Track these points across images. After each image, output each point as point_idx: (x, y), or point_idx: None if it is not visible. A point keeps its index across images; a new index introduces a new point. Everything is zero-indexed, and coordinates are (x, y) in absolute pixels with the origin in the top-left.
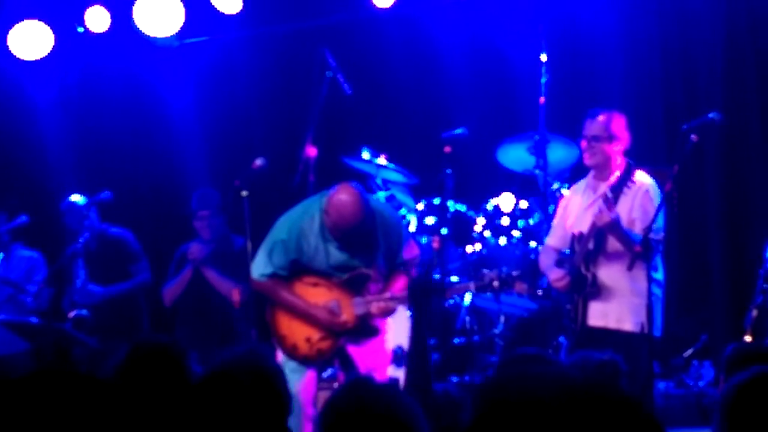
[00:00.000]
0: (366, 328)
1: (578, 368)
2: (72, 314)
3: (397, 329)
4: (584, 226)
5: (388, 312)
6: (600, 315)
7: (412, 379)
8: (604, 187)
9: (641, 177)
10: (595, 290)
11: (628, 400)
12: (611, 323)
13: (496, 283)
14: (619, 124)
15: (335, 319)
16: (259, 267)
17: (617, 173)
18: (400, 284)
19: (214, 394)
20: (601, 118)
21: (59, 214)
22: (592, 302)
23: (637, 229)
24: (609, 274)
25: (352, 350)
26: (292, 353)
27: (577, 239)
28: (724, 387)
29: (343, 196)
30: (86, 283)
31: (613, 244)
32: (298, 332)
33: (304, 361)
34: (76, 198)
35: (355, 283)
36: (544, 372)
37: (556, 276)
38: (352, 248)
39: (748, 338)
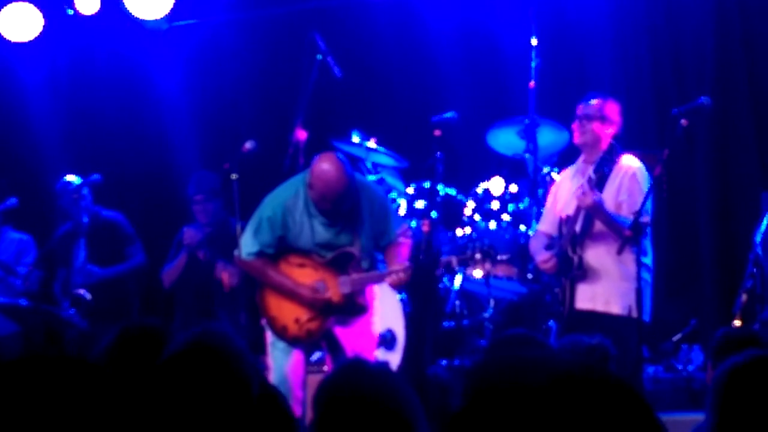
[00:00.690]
0: (353, 307)
1: (567, 352)
2: (75, 292)
3: (387, 312)
4: (572, 210)
5: (403, 281)
6: (588, 298)
7: (409, 360)
8: (592, 170)
9: (629, 160)
10: (582, 273)
11: (619, 383)
12: (599, 306)
13: (478, 256)
14: (613, 109)
15: (319, 296)
16: (246, 246)
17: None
18: (404, 253)
19: (177, 375)
20: (595, 100)
21: (49, 197)
22: (580, 285)
23: (624, 212)
24: (596, 256)
25: (339, 333)
26: (282, 334)
27: (565, 222)
28: (716, 371)
29: (325, 164)
30: (86, 264)
31: (599, 226)
32: (287, 313)
33: (294, 341)
34: (72, 178)
35: (340, 263)
36: (533, 355)
37: (543, 258)
38: (336, 223)
39: (737, 323)
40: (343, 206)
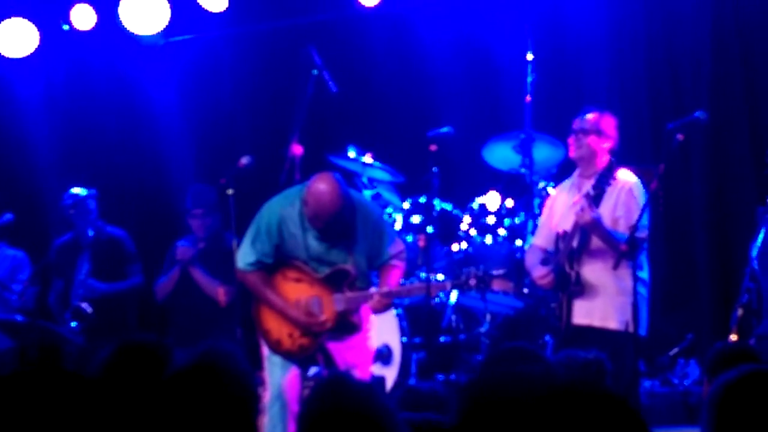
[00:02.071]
0: (347, 325)
1: (563, 367)
2: (76, 304)
3: (383, 327)
4: (569, 225)
5: (387, 306)
6: (585, 313)
7: None
8: (588, 186)
9: (625, 175)
10: (579, 288)
11: (614, 398)
12: (596, 321)
13: (473, 281)
14: (609, 123)
15: (314, 320)
16: (244, 256)
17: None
18: (394, 277)
19: (181, 392)
20: (591, 114)
21: (44, 212)
22: (577, 300)
23: (621, 227)
24: (593, 272)
25: (334, 347)
26: (276, 348)
27: (562, 237)
28: (711, 385)
29: (321, 185)
30: (88, 278)
31: (596, 242)
32: (281, 327)
33: (288, 355)
34: (78, 191)
35: (336, 280)
36: (529, 371)
37: (540, 274)
38: (330, 239)
39: (733, 337)
40: (335, 227)
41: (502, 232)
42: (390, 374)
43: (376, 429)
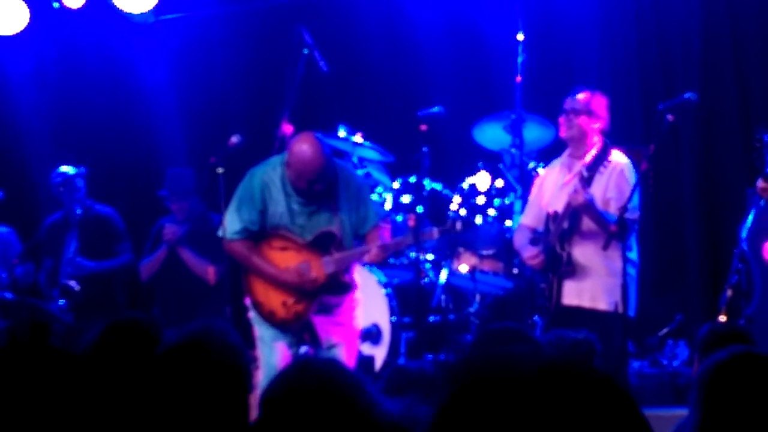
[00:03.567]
0: (339, 285)
1: (553, 347)
2: (64, 282)
3: (373, 307)
4: (559, 205)
5: (383, 259)
6: (574, 294)
7: None
8: (579, 166)
9: (617, 156)
10: (570, 269)
11: (603, 378)
12: (585, 302)
13: (458, 225)
14: (600, 103)
15: (305, 278)
16: (230, 225)
17: (593, 152)
18: (385, 235)
19: (173, 368)
20: (582, 94)
21: (34, 189)
22: (567, 281)
23: (612, 208)
24: (584, 253)
25: (320, 326)
26: (270, 319)
27: (552, 218)
28: (699, 366)
29: (303, 144)
30: (76, 256)
31: (588, 223)
32: (273, 298)
33: (283, 324)
34: (67, 169)
35: (322, 244)
36: (518, 351)
37: (530, 254)
38: (314, 201)
39: (722, 318)
40: (319, 186)
41: (492, 212)
42: (379, 354)
43: (341, 405)
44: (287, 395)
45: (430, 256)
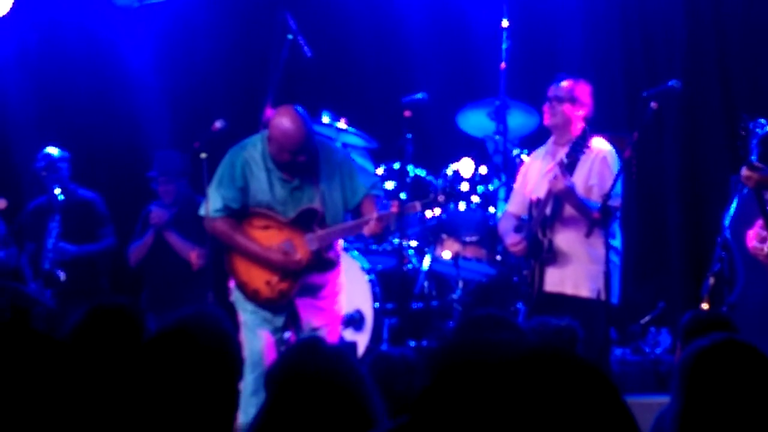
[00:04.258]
0: (323, 262)
1: (535, 334)
2: (49, 269)
3: (356, 293)
4: (542, 192)
5: (382, 229)
6: (557, 281)
7: None
8: (562, 153)
9: (599, 143)
10: (552, 256)
11: (585, 364)
12: (568, 289)
13: (441, 197)
14: (583, 91)
15: (290, 259)
16: (212, 203)
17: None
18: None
19: (163, 354)
20: (566, 81)
21: (17, 173)
22: (549, 268)
23: (595, 195)
24: (566, 240)
25: (303, 310)
26: (254, 298)
27: (535, 205)
28: (681, 353)
29: (284, 116)
30: (59, 241)
31: (570, 210)
32: (257, 277)
33: (267, 304)
34: (52, 151)
35: (304, 221)
36: (500, 337)
37: (512, 241)
38: (296, 175)
39: (705, 306)
40: (302, 157)
41: (475, 199)
42: (362, 340)
43: (345, 392)
44: (293, 378)
45: (413, 243)
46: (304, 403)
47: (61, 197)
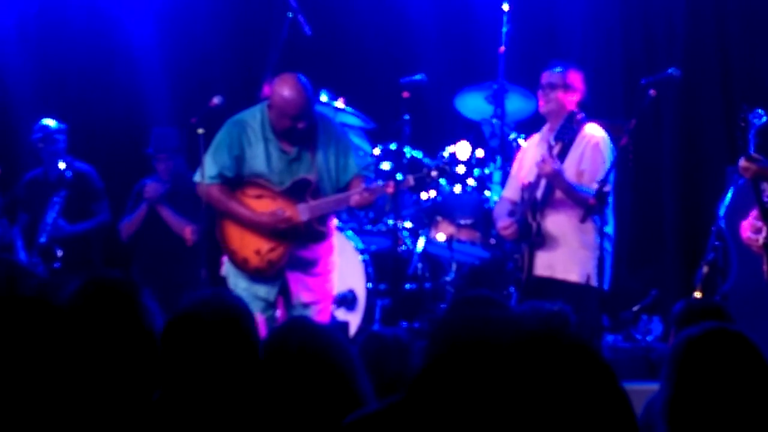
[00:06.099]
0: (314, 233)
1: (528, 318)
2: (48, 244)
3: (349, 272)
4: (534, 177)
5: (368, 201)
6: (546, 265)
7: None
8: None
9: (592, 129)
10: (541, 239)
11: (582, 345)
12: (557, 273)
13: (434, 173)
14: (576, 77)
15: (279, 218)
16: (207, 169)
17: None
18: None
19: (182, 337)
20: (558, 68)
21: (15, 144)
22: (538, 252)
23: (585, 181)
24: (555, 224)
25: (294, 287)
26: (243, 266)
27: (526, 188)
28: (673, 341)
29: (286, 83)
30: (59, 217)
31: (560, 194)
32: (247, 245)
33: (256, 273)
34: (49, 122)
35: (297, 191)
36: (495, 314)
37: (503, 224)
38: (295, 143)
39: (697, 294)
40: (302, 124)
41: (471, 182)
42: (354, 320)
43: (333, 370)
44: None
45: (408, 224)
46: (291, 380)
47: (58, 168)
